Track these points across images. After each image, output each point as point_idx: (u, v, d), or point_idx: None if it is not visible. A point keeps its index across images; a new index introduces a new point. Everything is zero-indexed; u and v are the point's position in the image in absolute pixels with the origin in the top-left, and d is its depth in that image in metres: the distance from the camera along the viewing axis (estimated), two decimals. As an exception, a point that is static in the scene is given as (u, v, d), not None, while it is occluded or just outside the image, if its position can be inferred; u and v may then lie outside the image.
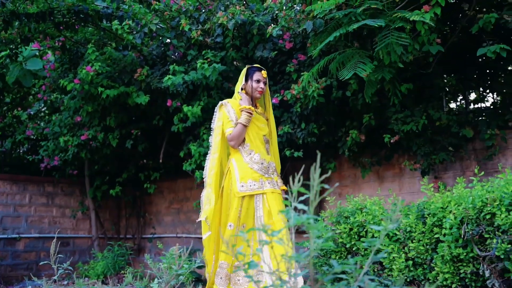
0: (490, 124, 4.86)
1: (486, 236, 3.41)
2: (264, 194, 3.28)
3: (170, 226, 8.51)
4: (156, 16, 5.29)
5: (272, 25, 4.64)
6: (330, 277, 1.72)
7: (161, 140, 6.90)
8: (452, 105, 5.64)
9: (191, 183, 7.69)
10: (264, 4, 4.90)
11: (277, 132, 5.52)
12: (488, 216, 3.38)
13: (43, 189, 8.58)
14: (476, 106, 5.41)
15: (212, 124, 3.47)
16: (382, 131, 5.22)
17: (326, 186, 1.65)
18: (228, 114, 3.36)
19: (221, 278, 3.20)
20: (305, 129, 5.34)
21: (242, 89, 3.43)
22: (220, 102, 3.45)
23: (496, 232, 3.35)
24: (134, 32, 5.54)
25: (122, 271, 6.53)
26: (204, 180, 3.42)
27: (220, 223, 3.38)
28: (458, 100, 5.56)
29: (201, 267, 5.24)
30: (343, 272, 3.56)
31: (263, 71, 3.40)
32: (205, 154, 5.89)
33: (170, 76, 5.12)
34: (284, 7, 4.46)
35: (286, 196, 3.23)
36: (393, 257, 3.92)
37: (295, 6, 4.33)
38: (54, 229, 8.64)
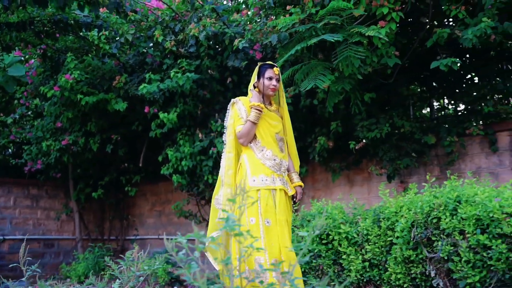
0: (450, 132, 5.09)
1: (434, 239, 3.64)
2: (275, 190, 3.22)
3: (153, 227, 8.70)
4: (132, 27, 5.48)
5: (238, 38, 4.84)
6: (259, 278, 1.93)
7: (141, 145, 7.09)
8: (425, 111, 5.89)
9: (172, 186, 7.89)
10: (232, 18, 5.11)
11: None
12: (434, 220, 3.61)
13: (28, 191, 8.75)
14: (440, 114, 5.65)
15: (225, 122, 3.44)
16: (349, 137, 5.44)
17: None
18: (238, 112, 3.32)
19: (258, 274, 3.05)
20: (277, 135, 5.54)
21: (255, 87, 3.36)
22: (232, 100, 3.41)
23: (441, 235, 3.58)
24: (111, 42, 5.73)
25: (102, 272, 6.71)
26: (222, 180, 3.33)
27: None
28: (424, 108, 5.80)
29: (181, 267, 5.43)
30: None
31: (275, 68, 3.34)
32: (182, 159, 6.11)
33: (145, 84, 5.32)
34: (250, 22, 4.66)
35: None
36: (351, 258, 4.14)
37: (261, 20, 4.54)
38: (38, 231, 8.82)
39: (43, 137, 7.12)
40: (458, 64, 4.14)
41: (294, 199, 3.39)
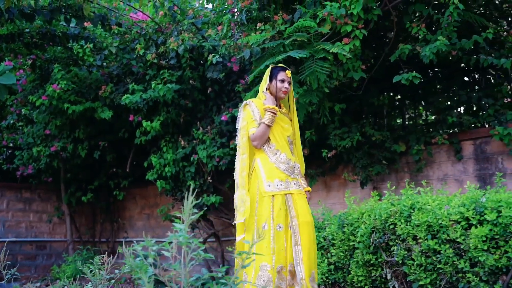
0: (419, 140, 5.34)
1: (391, 243, 3.90)
2: (291, 195, 3.21)
3: (142, 230, 8.95)
4: (116, 39, 5.74)
5: (215, 51, 5.10)
6: (200, 282, 2.18)
7: (128, 151, 7.34)
8: (400, 120, 6.13)
9: (160, 190, 8.16)
10: (206, 34, 5.37)
11: (229, 146, 5.99)
12: (391, 226, 3.87)
13: (20, 195, 9.00)
14: (410, 123, 5.90)
15: (237, 124, 3.41)
16: (324, 145, 5.69)
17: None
18: (252, 114, 3.28)
19: (263, 281, 3.06)
20: (255, 143, 5.79)
21: (266, 89, 3.34)
22: (244, 102, 3.38)
23: (397, 240, 3.83)
24: (96, 54, 5.99)
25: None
26: (235, 182, 3.29)
27: (248, 226, 3.24)
28: (397, 117, 6.05)
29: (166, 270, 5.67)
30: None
31: (287, 71, 3.33)
32: (165, 165, 6.36)
33: (128, 95, 5.58)
34: (224, 37, 4.92)
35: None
36: (318, 262, 4.39)
37: (234, 36, 4.80)
38: (31, 233, 9.07)
39: (34, 143, 7.38)
40: (426, 77, 4.40)
41: None
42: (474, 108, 5.40)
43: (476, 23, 4.65)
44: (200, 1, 5.93)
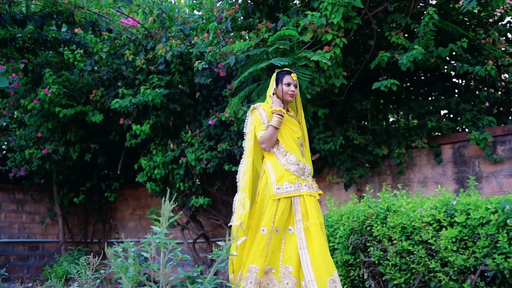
0: (400, 144, 5.51)
1: (368, 244, 4.05)
2: (301, 197, 3.22)
3: (133, 231, 9.08)
4: (106, 45, 5.88)
5: (202, 57, 5.25)
6: (177, 281, 2.33)
7: (119, 153, 7.48)
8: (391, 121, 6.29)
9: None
10: (193, 41, 5.52)
11: (217, 149, 6.14)
12: (368, 228, 4.02)
13: (13, 196, 9.11)
14: (393, 127, 6.07)
15: (244, 128, 3.43)
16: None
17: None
18: (260, 117, 3.31)
19: (250, 282, 3.10)
20: (242, 146, 5.94)
21: (274, 93, 3.39)
22: (252, 106, 3.41)
23: (374, 242, 3.99)
24: (87, 58, 6.12)
25: (81, 274, 7.08)
26: (237, 184, 3.33)
27: (250, 228, 3.27)
28: (381, 121, 6.21)
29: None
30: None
31: (292, 74, 3.36)
32: (155, 167, 6.51)
33: (117, 100, 5.72)
34: (210, 44, 5.07)
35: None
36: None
37: (220, 43, 4.95)
38: (23, 234, 9.18)
39: (26, 145, 7.50)
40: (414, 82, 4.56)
41: None
42: (454, 113, 5.56)
43: (453, 32, 4.81)
44: (188, 10, 6.06)
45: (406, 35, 4.99)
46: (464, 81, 5.92)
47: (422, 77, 5.83)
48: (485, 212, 3.43)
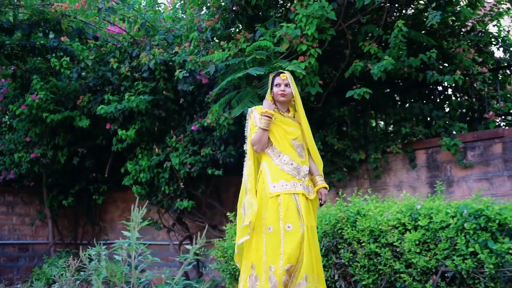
0: (377, 149, 5.70)
1: (339, 247, 4.24)
2: (297, 195, 3.25)
3: (122, 233, 9.23)
4: (92, 52, 6.05)
5: (184, 65, 5.44)
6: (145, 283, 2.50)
7: (107, 157, 7.63)
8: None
9: (139, 194, 8.45)
10: (174, 51, 5.70)
11: (201, 153, 6.31)
12: (339, 231, 4.21)
13: (4, 198, 9.25)
14: (372, 132, 6.26)
15: (245, 132, 3.49)
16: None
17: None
18: (254, 120, 3.37)
19: (271, 281, 3.14)
20: (225, 151, 6.13)
21: (272, 97, 3.43)
22: (249, 110, 3.48)
23: (345, 244, 4.18)
24: (74, 65, 6.29)
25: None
26: (245, 186, 3.38)
27: (254, 228, 3.30)
28: (360, 127, 6.41)
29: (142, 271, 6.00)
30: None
31: (281, 75, 3.39)
32: (140, 171, 6.68)
33: (103, 106, 5.89)
34: (191, 53, 5.25)
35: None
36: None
37: (200, 52, 5.14)
38: (14, 235, 9.32)
39: (15, 149, 7.65)
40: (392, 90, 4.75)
41: (320, 202, 3.45)
42: (428, 120, 5.75)
43: (426, 42, 5.01)
44: (170, 21, 6.24)
45: (382, 44, 5.19)
46: (440, 88, 6.11)
47: (400, 84, 6.02)
48: (445, 216, 3.62)
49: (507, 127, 5.14)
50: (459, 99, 5.76)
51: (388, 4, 4.73)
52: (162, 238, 8.33)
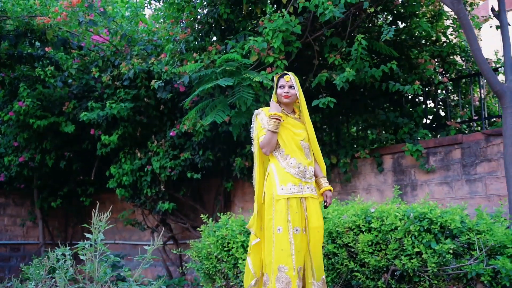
0: (347, 154, 5.99)
1: (302, 247, 4.52)
2: (305, 199, 3.30)
3: (110, 233, 9.50)
4: (78, 61, 6.33)
5: (160, 75, 5.74)
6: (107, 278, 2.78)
7: (94, 160, 7.92)
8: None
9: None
10: (150, 62, 5.99)
11: (180, 158, 6.59)
12: (302, 232, 4.49)
13: (-5, 200, 9.56)
14: (344, 137, 6.55)
15: (251, 134, 3.50)
16: (264, 158, 6.31)
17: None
18: (261, 122, 3.35)
19: (282, 282, 3.17)
20: (203, 155, 6.42)
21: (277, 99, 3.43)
22: (255, 112, 3.46)
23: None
24: (59, 73, 6.58)
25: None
26: (254, 188, 3.44)
27: (261, 228, 3.37)
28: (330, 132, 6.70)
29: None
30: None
31: (285, 76, 3.37)
32: (124, 174, 6.96)
33: (86, 112, 6.18)
34: (166, 64, 5.55)
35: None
36: (245, 263, 4.99)
37: (175, 63, 5.43)
38: (5, 236, 9.61)
39: (5, 153, 7.95)
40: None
41: (325, 204, 3.48)
42: (394, 126, 6.04)
43: (388, 53, 5.30)
44: (145, 34, 6.54)
45: (351, 56, 5.47)
46: (410, 96, 6.39)
47: (368, 92, 6.31)
48: (394, 219, 3.91)
49: (466, 134, 5.42)
50: (423, 107, 6.03)
51: (349, 19, 5.01)
52: (148, 238, 8.61)
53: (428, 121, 6.18)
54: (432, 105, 6.27)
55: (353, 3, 4.62)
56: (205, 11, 5.66)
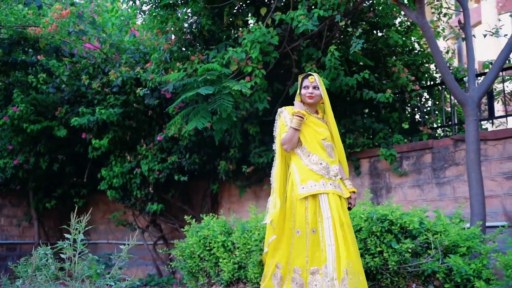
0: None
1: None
2: (326, 194, 3.26)
3: (104, 233, 9.80)
4: (67, 69, 6.62)
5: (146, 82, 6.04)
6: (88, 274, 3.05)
7: (86, 163, 8.20)
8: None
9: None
10: (136, 70, 6.28)
11: (167, 161, 6.87)
12: (276, 233, 4.76)
13: (-8, 201, 9.85)
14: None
15: (274, 132, 3.56)
16: (248, 161, 6.59)
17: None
18: (284, 120, 3.40)
19: (296, 283, 3.25)
20: (190, 158, 6.69)
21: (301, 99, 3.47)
22: (278, 110, 3.51)
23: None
24: (52, 80, 6.86)
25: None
26: (271, 186, 3.48)
27: (284, 228, 3.38)
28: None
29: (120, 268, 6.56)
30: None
31: (310, 77, 3.41)
32: (115, 177, 7.24)
33: (76, 118, 6.47)
34: (152, 72, 5.83)
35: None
36: (225, 262, 5.28)
37: (160, 72, 5.71)
38: (2, 236, 9.90)
39: (1, 155, 8.23)
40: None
41: (350, 206, 3.48)
42: (371, 131, 6.31)
43: (362, 62, 5.57)
44: (132, 44, 6.83)
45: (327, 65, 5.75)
46: (379, 103, 6.65)
47: (348, 98, 6.57)
48: (360, 220, 4.18)
49: (437, 139, 5.69)
50: (398, 113, 6.30)
51: (325, 31, 5.28)
52: (139, 238, 8.89)
53: (407, 126, 6.45)
54: (408, 111, 6.54)
55: (326, 16, 4.88)
56: (189, 21, 5.94)
